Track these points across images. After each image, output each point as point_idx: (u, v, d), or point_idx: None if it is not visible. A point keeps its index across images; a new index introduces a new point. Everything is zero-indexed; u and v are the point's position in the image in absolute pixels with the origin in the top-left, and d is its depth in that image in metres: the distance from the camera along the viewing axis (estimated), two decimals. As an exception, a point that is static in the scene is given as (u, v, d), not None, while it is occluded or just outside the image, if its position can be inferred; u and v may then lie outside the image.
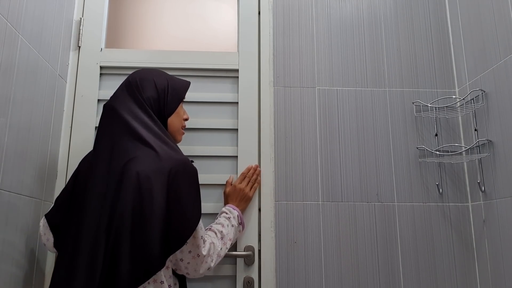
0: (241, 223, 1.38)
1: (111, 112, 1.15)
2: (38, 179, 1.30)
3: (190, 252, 1.09)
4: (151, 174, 1.03)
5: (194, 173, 1.12)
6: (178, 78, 1.31)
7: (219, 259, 1.21)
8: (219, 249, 1.20)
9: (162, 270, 1.02)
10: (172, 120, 1.25)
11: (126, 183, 1.02)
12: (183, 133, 1.34)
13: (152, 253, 0.99)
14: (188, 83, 1.32)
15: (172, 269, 1.11)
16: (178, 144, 1.27)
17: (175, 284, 1.13)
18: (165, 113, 1.22)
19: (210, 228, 1.27)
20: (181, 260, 1.09)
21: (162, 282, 1.03)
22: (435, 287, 1.49)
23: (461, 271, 1.50)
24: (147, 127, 1.12)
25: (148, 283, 1.00)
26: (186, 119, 1.34)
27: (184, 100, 1.32)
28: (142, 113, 1.14)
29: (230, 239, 1.28)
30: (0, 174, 1.06)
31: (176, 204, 1.04)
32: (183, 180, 1.07)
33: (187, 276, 1.14)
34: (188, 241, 1.06)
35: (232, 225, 1.32)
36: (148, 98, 1.18)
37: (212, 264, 1.15)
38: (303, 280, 1.47)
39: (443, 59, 1.70)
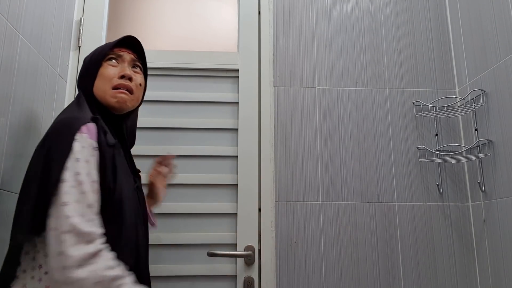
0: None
1: None
2: (38, 179, 1.30)
3: (51, 229, 0.82)
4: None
5: (63, 131, 0.88)
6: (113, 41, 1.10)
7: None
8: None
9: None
10: (96, 85, 1.04)
11: None
12: (121, 94, 1.04)
13: (25, 217, 0.85)
14: (119, 39, 1.09)
15: None
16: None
17: None
18: (88, 84, 1.04)
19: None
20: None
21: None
22: (435, 286, 1.49)
23: (461, 271, 1.50)
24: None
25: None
26: (124, 76, 1.05)
27: (132, 64, 1.10)
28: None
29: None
30: (0, 174, 1.06)
31: (42, 167, 0.86)
32: (49, 141, 0.88)
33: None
34: (51, 213, 0.83)
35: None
36: (79, 78, 1.09)
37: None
38: (303, 280, 1.47)
39: (443, 59, 1.70)
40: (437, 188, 1.57)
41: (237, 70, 1.64)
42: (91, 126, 0.92)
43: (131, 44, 1.13)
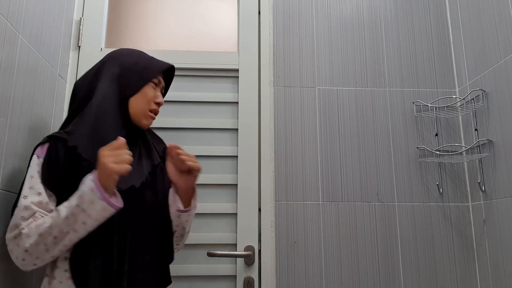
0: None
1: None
2: (38, 179, 1.30)
3: None
4: None
5: (34, 157, 1.02)
6: (158, 60, 1.19)
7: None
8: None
9: None
10: (136, 100, 1.13)
11: None
12: (152, 118, 1.17)
13: None
14: (167, 66, 1.18)
15: None
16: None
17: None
18: (126, 92, 1.12)
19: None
20: None
21: None
22: (435, 286, 1.49)
23: (461, 271, 1.50)
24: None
25: None
26: (159, 103, 1.17)
27: (158, 84, 1.18)
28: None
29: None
30: (0, 174, 1.06)
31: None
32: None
33: None
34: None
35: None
36: (110, 73, 1.13)
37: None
38: (303, 280, 1.47)
39: (443, 59, 1.70)
40: (437, 188, 1.57)
41: (237, 70, 1.64)
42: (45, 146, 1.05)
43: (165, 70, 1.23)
